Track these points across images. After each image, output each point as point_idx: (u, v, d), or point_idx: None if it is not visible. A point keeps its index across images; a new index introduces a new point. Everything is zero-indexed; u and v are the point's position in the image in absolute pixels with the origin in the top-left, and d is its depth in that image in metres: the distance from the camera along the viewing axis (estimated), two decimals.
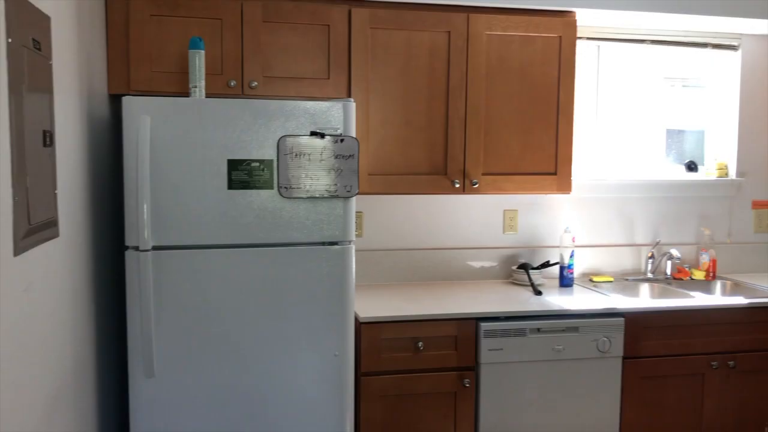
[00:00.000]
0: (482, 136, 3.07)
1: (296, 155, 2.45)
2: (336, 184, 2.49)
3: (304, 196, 2.46)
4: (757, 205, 3.78)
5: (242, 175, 2.42)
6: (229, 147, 2.41)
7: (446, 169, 3.05)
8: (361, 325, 2.68)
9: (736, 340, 3.04)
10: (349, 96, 2.90)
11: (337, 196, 2.49)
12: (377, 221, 3.35)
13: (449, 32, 2.99)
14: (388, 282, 3.35)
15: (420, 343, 2.73)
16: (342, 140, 2.48)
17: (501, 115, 3.09)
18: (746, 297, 3.16)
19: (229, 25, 2.78)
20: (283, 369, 2.51)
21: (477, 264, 3.47)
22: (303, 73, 2.87)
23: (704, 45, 3.65)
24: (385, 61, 2.95)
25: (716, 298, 3.30)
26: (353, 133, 2.52)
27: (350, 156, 2.49)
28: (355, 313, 2.70)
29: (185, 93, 2.66)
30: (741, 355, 3.05)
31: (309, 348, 2.52)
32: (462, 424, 2.80)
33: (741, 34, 3.66)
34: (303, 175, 2.45)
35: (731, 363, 3.03)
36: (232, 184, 2.42)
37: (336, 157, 2.48)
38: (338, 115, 2.49)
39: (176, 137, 2.37)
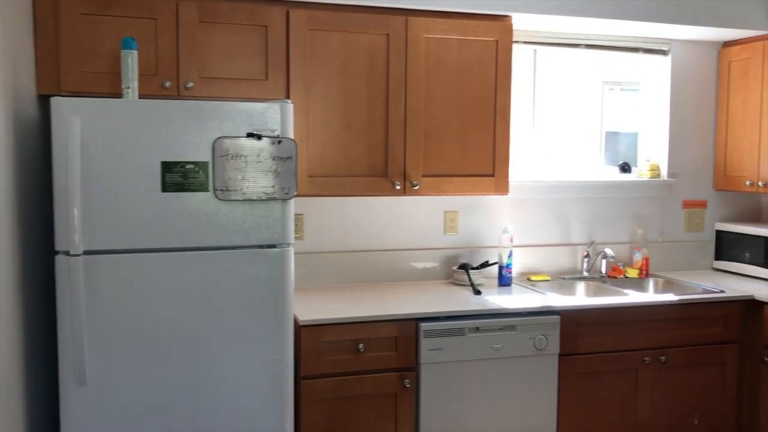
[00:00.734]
0: (422, 138, 3.09)
1: (233, 157, 2.42)
2: (274, 186, 2.47)
3: (241, 198, 2.43)
4: (687, 204, 3.91)
5: (177, 177, 2.38)
6: (163, 149, 2.37)
7: (387, 170, 3.06)
8: (300, 328, 2.67)
9: (667, 335, 3.14)
10: (288, 98, 2.88)
11: (275, 198, 2.48)
12: (318, 223, 3.34)
13: (388, 35, 3.01)
14: (330, 284, 3.34)
15: (360, 345, 2.73)
16: (280, 142, 2.47)
17: (440, 117, 3.12)
18: (677, 294, 3.27)
19: (163, 25, 2.73)
20: (221, 374, 2.47)
21: (419, 265, 3.50)
22: (241, 74, 2.84)
23: (636, 50, 3.77)
24: (324, 63, 2.95)
25: (649, 295, 3.41)
26: (291, 135, 2.50)
27: (288, 158, 2.48)
28: (295, 316, 2.69)
29: (118, 94, 2.60)
30: (672, 351, 3.15)
31: (247, 352, 2.49)
32: (402, 424, 2.81)
33: (671, 40, 3.79)
34: (240, 177, 2.42)
35: (663, 358, 3.13)
36: (167, 187, 2.38)
37: (274, 159, 2.46)
38: (276, 116, 2.47)
39: (108, 139, 2.32)
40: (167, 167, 2.37)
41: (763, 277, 3.55)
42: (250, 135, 2.43)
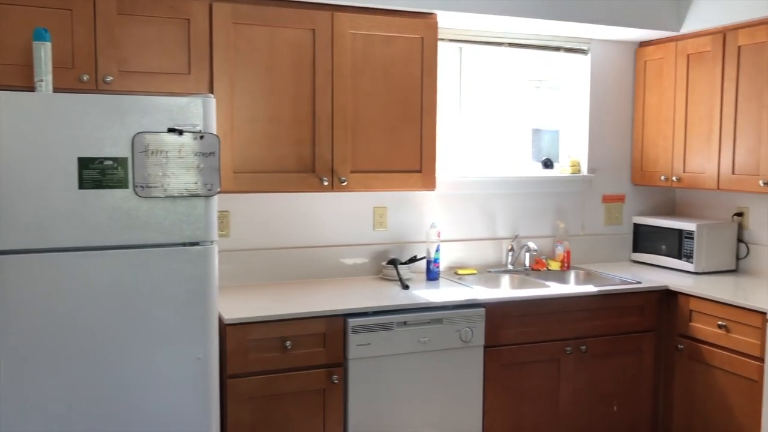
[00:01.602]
0: (350, 134, 3.09)
1: (153, 153, 2.36)
2: (196, 183, 2.42)
3: (162, 195, 2.38)
4: (606, 199, 4.05)
5: (94, 173, 2.31)
6: (79, 144, 2.29)
7: (314, 166, 3.05)
8: (226, 327, 2.63)
9: (587, 325, 3.25)
10: (212, 92, 2.83)
11: (197, 195, 2.43)
12: (245, 220, 3.30)
13: (314, 30, 3.00)
14: (257, 282, 3.31)
15: (288, 343, 2.71)
16: (202, 137, 2.42)
17: (368, 113, 3.13)
18: (596, 285, 3.38)
19: (80, 17, 2.64)
20: (143, 376, 2.41)
21: (348, 261, 3.50)
22: (162, 68, 2.78)
23: (557, 49, 3.88)
24: (249, 58, 2.91)
25: (570, 287, 3.51)
26: (214, 130, 2.46)
27: (211, 153, 2.43)
28: (220, 315, 2.65)
29: (32, 87, 2.50)
30: (592, 340, 3.26)
31: (171, 353, 2.44)
32: (331, 420, 2.81)
33: (590, 39, 3.91)
34: (161, 174, 2.37)
35: (583, 348, 3.23)
36: (84, 184, 2.30)
37: (196, 155, 2.42)
38: (198, 111, 2.42)
39: (20, 134, 2.22)
40: (84, 163, 2.29)
41: (677, 268, 3.72)
42: (171, 130, 2.38)
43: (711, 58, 3.48)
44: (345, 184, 3.09)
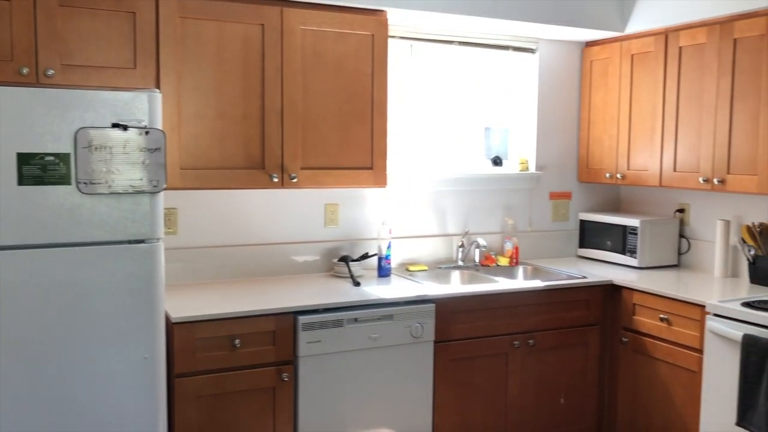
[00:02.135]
0: (300, 130, 3.08)
1: (97, 148, 2.31)
2: (141, 179, 2.38)
3: (106, 191, 2.33)
4: (553, 196, 4.13)
5: (35, 169, 2.24)
6: (18, 139, 2.22)
7: (264, 163, 3.02)
8: (173, 326, 2.59)
9: (535, 320, 3.31)
10: (158, 87, 2.78)
11: (142, 192, 2.39)
12: (193, 217, 3.25)
13: (263, 25, 2.97)
14: (206, 280, 3.27)
15: (237, 341, 2.69)
16: (147, 132, 2.38)
17: (318, 110, 3.12)
18: (544, 280, 3.45)
19: (19, 8, 2.56)
20: (88, 376, 2.36)
21: (300, 258, 3.48)
22: (107, 62, 2.71)
23: (506, 47, 3.93)
24: (197, 53, 2.87)
25: (518, 282, 3.57)
26: (160, 125, 2.42)
27: (156, 149, 2.39)
28: (167, 314, 2.61)
29: None
30: (539, 334, 3.32)
31: (116, 352, 2.39)
32: (281, 418, 2.80)
33: (538, 39, 3.98)
34: (104, 170, 2.32)
35: (531, 341, 3.29)
36: (23, 180, 2.23)
37: (141, 150, 2.37)
38: (143, 106, 2.38)
39: None
40: (24, 159, 2.22)
41: (621, 263, 3.81)
42: (115, 125, 2.33)
43: (654, 58, 3.58)
44: (295, 181, 3.07)
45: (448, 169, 3.85)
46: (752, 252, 3.34)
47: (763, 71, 3.03)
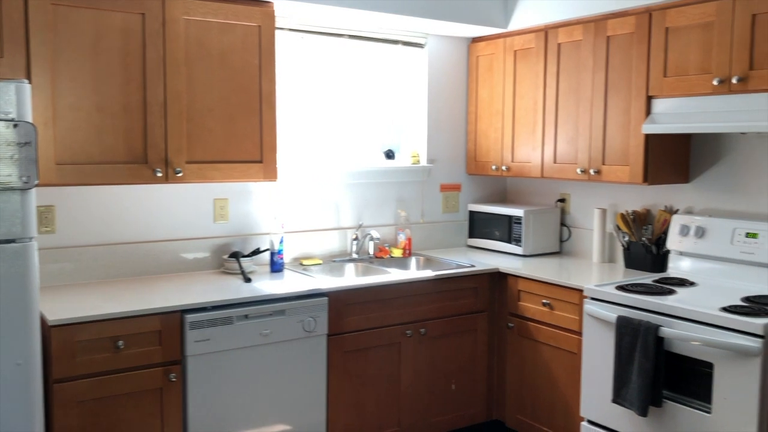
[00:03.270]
0: (185, 123, 2.99)
1: None
2: (10, 175, 2.24)
3: None
4: (444, 188, 4.23)
5: None
6: None
7: (146, 157, 2.92)
8: (50, 329, 2.46)
9: (426, 308, 3.38)
10: (29, 78, 2.63)
11: (12, 188, 2.25)
12: (73, 215, 3.10)
13: (144, 14, 2.86)
14: (89, 281, 3.12)
15: (120, 342, 2.59)
16: (16, 125, 2.24)
17: (204, 102, 3.04)
18: (434, 270, 3.52)
19: None
20: None
21: (189, 255, 3.39)
22: None
23: (396, 42, 3.98)
24: (72, 42, 2.73)
25: (410, 272, 3.62)
26: (30, 118, 2.29)
27: (27, 143, 2.26)
28: (44, 316, 2.48)
29: None
30: (431, 322, 3.40)
31: None
32: (170, 420, 2.72)
33: (427, 34, 4.05)
34: None
35: (423, 330, 3.36)
36: None
37: (9, 145, 2.23)
38: (10, 97, 2.24)
39: None
40: None
41: (508, 252, 3.96)
42: None
43: (535, 54, 3.73)
44: (180, 175, 2.98)
45: (341, 163, 3.86)
46: (626, 238, 3.55)
47: (633, 67, 3.23)
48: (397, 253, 3.89)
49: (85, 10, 2.74)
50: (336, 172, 3.79)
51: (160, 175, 2.93)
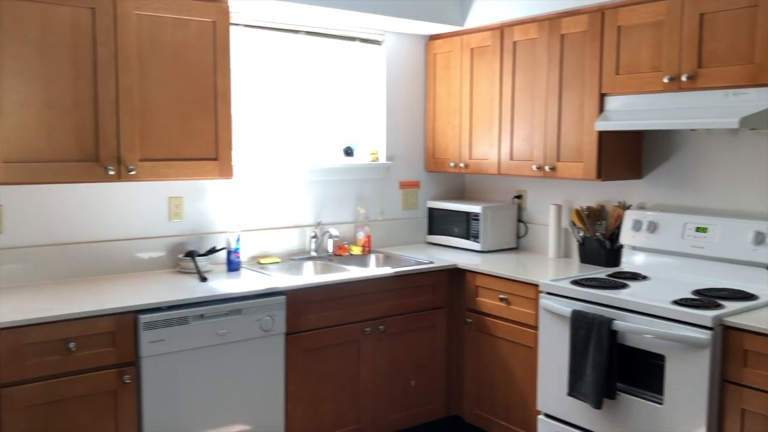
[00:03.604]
0: (137, 120, 2.94)
1: None
2: None
3: None
4: (403, 185, 4.24)
5: None
6: None
7: (98, 155, 2.86)
8: None
9: (385, 306, 3.38)
10: None
11: None
12: (21, 215, 3.01)
13: (93, 9, 2.80)
14: (39, 282, 3.04)
15: (72, 344, 2.53)
16: None
17: (157, 99, 2.99)
18: (394, 267, 3.53)
19: None
20: None
21: (144, 255, 3.33)
22: None
23: (353, 39, 3.97)
24: (17, 36, 2.65)
25: (369, 270, 3.62)
26: None
27: None
28: None
29: None
30: (390, 319, 3.40)
31: None
32: (124, 422, 2.67)
33: (384, 31, 4.05)
34: None
35: (382, 327, 3.36)
36: None
37: None
38: None
39: None
40: None
41: (466, 248, 3.99)
42: None
43: (491, 52, 3.76)
44: (134, 173, 2.93)
45: (300, 160, 3.83)
46: (581, 234, 3.61)
47: (586, 65, 3.28)
48: (356, 250, 3.89)
49: (31, 4, 2.67)
50: (294, 170, 3.77)
51: (112, 173, 2.88)
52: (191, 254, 3.30)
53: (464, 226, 3.99)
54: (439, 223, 4.19)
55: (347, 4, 3.48)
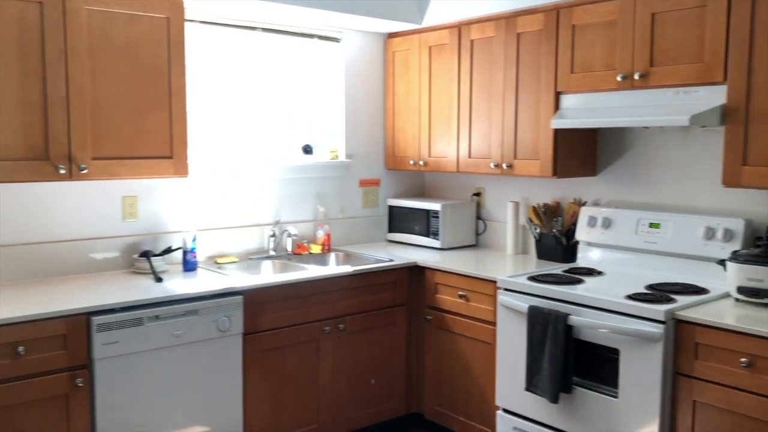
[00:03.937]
0: (89, 118, 2.87)
1: None
2: None
3: None
4: (363, 183, 4.23)
5: None
6: None
7: (48, 153, 2.79)
8: None
9: (345, 304, 3.37)
10: None
11: None
12: None
13: (41, 3, 2.73)
14: None
15: (20, 348, 2.46)
16: None
17: (110, 96, 2.93)
18: (354, 265, 3.52)
19: None
20: None
21: (97, 255, 3.26)
22: None
23: (311, 36, 3.94)
24: None
25: (328, 268, 3.60)
26: None
27: None
28: None
29: None
30: (350, 318, 3.39)
31: None
32: (77, 427, 2.61)
33: (343, 28, 4.03)
34: None
35: (341, 326, 3.35)
36: None
37: None
38: None
39: None
40: None
41: (426, 245, 4.00)
42: None
43: (449, 50, 3.77)
44: (85, 172, 2.86)
45: (258, 158, 3.79)
46: (538, 230, 3.65)
47: (542, 63, 3.31)
48: (316, 249, 3.87)
49: None
50: (253, 168, 3.73)
51: (63, 172, 2.81)
52: (146, 254, 3.24)
53: (424, 223, 4.00)
54: (399, 221, 4.19)
55: (304, 0, 3.45)
